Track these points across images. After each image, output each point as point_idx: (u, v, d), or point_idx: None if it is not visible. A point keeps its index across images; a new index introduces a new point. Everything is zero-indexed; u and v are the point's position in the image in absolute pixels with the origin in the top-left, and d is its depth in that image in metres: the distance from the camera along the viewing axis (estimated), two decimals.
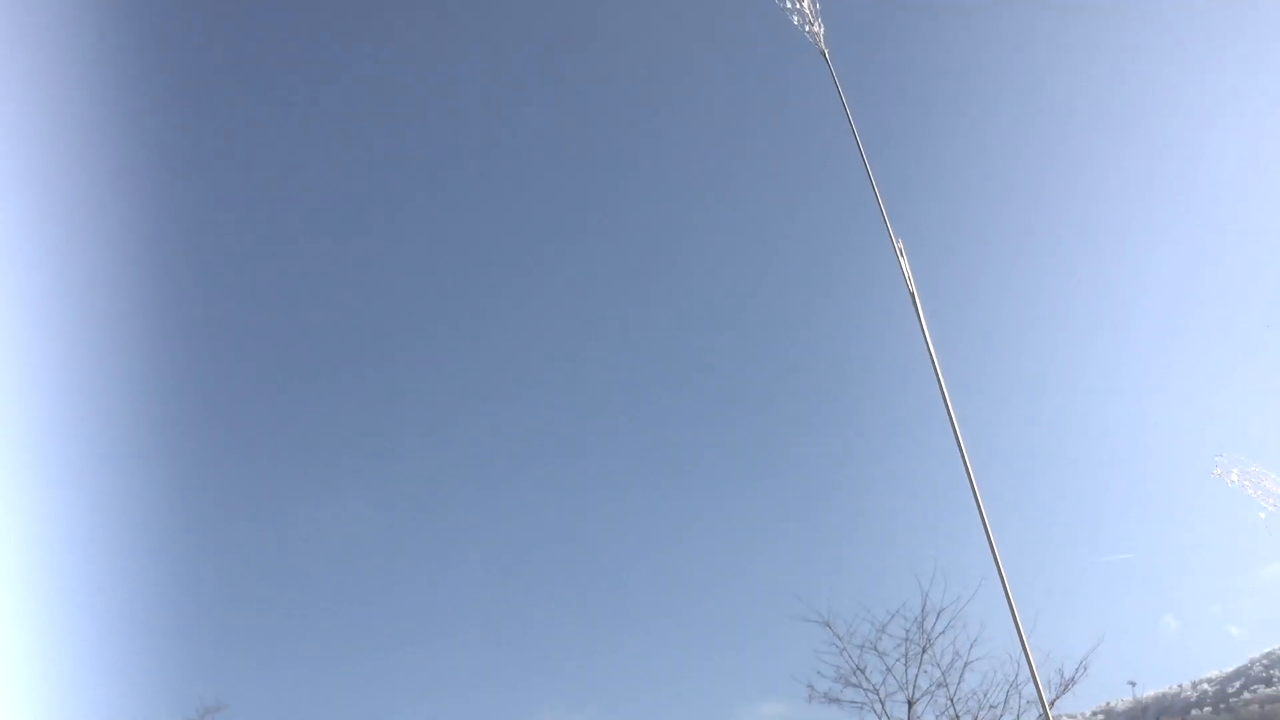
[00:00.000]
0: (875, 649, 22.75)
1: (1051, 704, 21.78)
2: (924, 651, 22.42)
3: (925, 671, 22.45)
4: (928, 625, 22.38)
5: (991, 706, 22.17)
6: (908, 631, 22.59)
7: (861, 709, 22.83)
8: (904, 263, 6.52)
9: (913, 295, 6.43)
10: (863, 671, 22.73)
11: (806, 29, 8.69)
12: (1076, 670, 21.13)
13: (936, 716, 23.02)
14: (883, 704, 22.61)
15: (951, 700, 22.42)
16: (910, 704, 22.55)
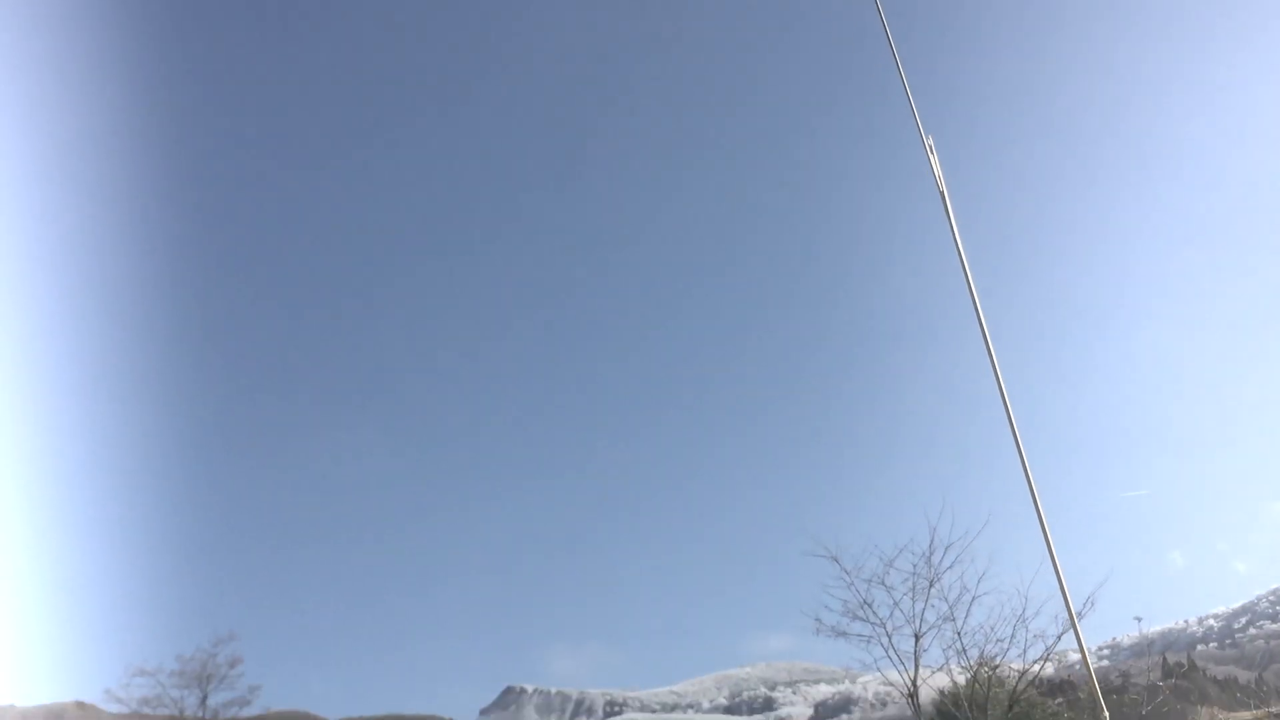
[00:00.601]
0: (883, 583, 22.84)
1: (1057, 640, 21.70)
2: (931, 586, 22.43)
3: (932, 605, 22.50)
4: (935, 560, 22.36)
5: (998, 640, 22.15)
6: (915, 566, 22.64)
7: (868, 642, 22.98)
8: (934, 160, 5.84)
9: (943, 195, 5.76)
10: (870, 605, 22.83)
11: None
12: (1084, 605, 21.00)
13: (943, 650, 23.04)
14: (889, 637, 22.72)
15: (958, 634, 22.51)
16: (917, 637, 22.60)
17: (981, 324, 7.07)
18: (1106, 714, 7.48)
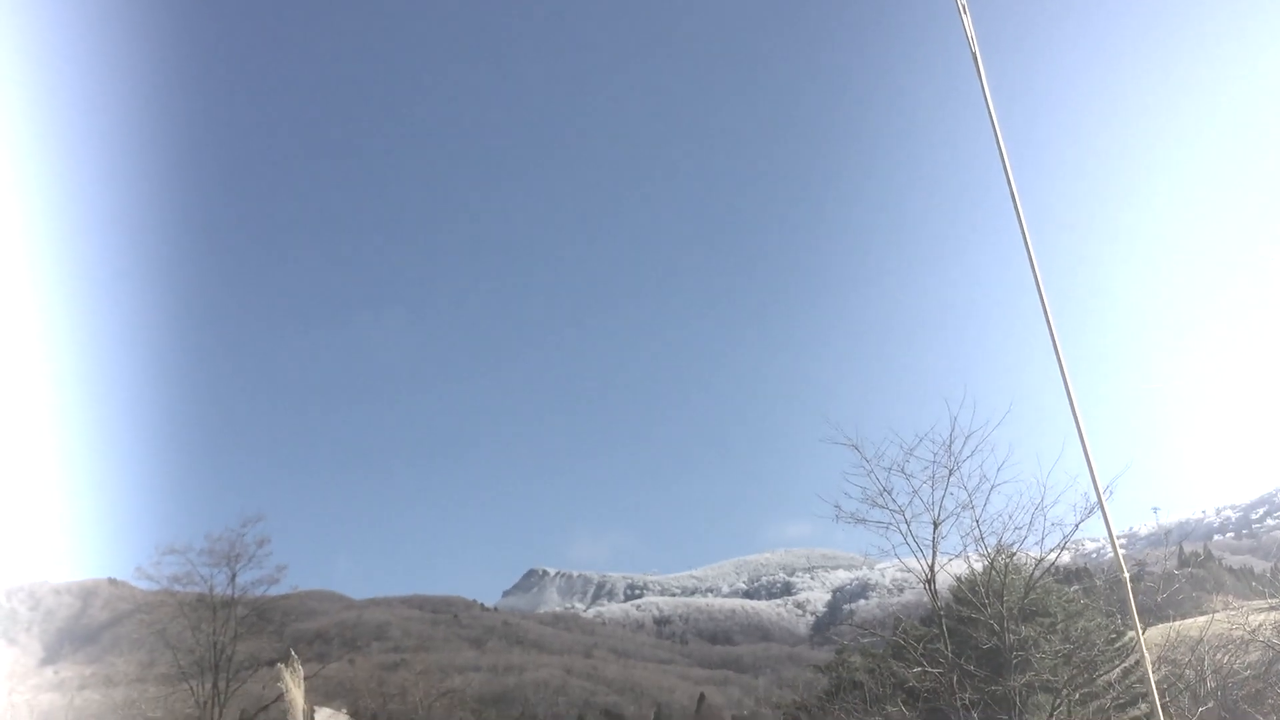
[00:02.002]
0: (903, 471, 22.84)
1: (1075, 528, 21.71)
2: (951, 475, 22.40)
3: (951, 494, 22.50)
4: (955, 449, 22.23)
5: (1016, 528, 22.17)
6: (935, 455, 22.54)
7: (887, 529, 23.09)
8: (966, 20, 5.46)
9: (975, 57, 5.41)
10: (889, 493, 22.87)
11: None
12: (1102, 495, 20.75)
13: (961, 537, 23.11)
14: (908, 525, 22.80)
15: (977, 522, 22.56)
16: (935, 525, 22.69)
17: (1015, 201, 6.76)
18: (1128, 578, 7.33)
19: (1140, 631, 7.14)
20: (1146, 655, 7.42)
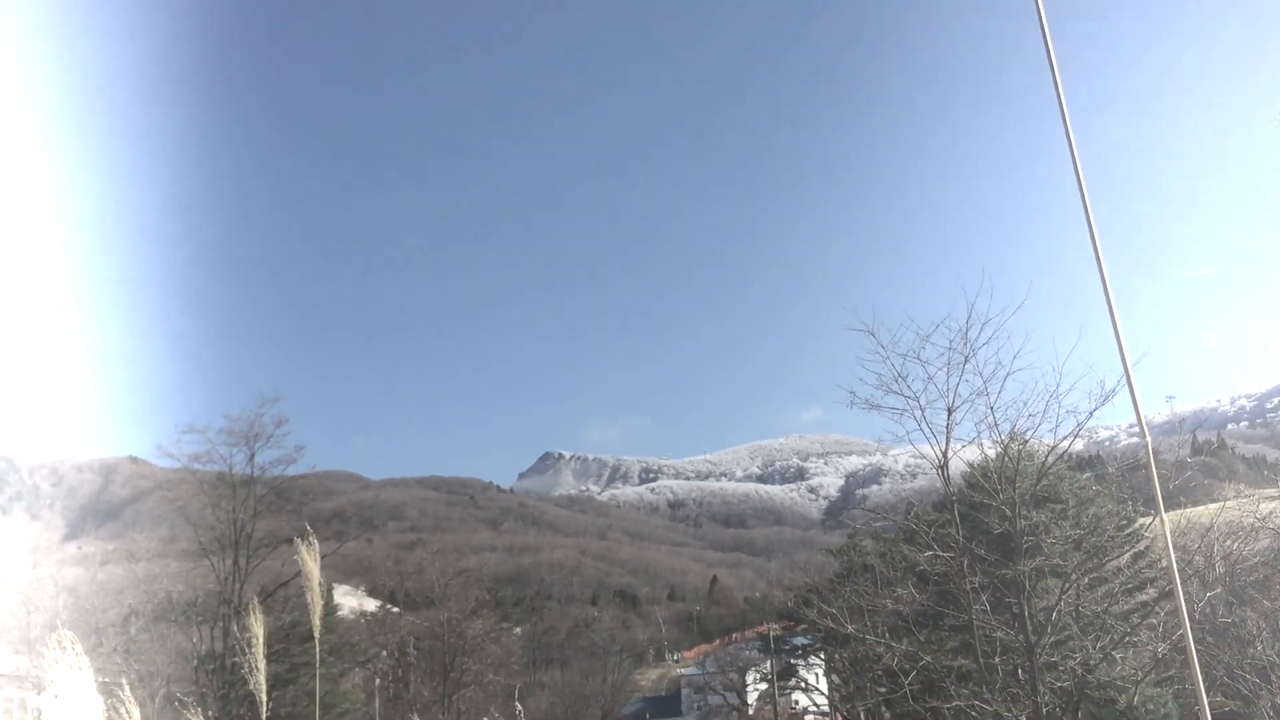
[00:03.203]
0: (918, 358, 22.65)
1: (1090, 415, 21.60)
2: (966, 361, 22.18)
3: (966, 381, 22.32)
4: (971, 336, 21.96)
5: (1030, 415, 22.07)
6: (951, 341, 22.27)
7: (901, 415, 23.00)
8: None
9: None
10: (904, 379, 22.72)
11: None
12: (1118, 383, 20.67)
13: (975, 424, 23.04)
14: (922, 411, 22.72)
15: (991, 408, 22.44)
16: (950, 411, 22.58)
17: (1054, 75, 6.45)
18: (1152, 457, 7.23)
19: (1163, 511, 7.04)
20: (1169, 537, 7.32)
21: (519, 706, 41.84)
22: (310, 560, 10.20)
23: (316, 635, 12.16)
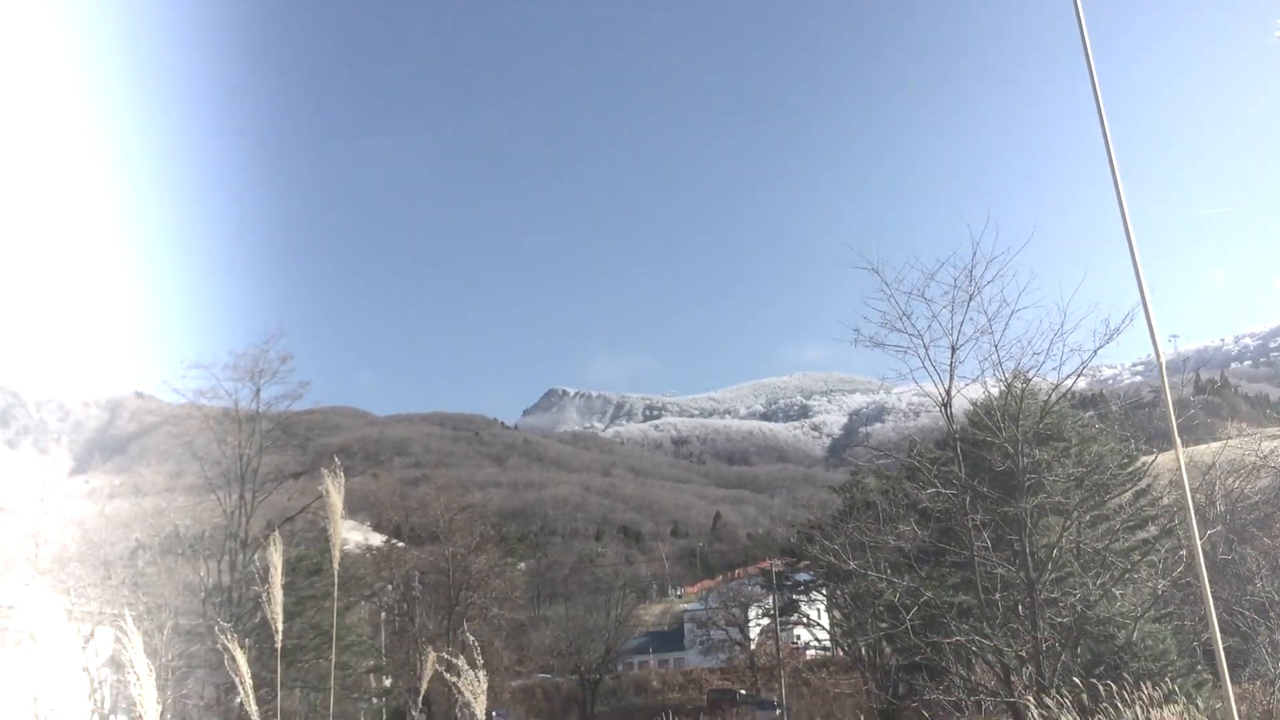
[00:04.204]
0: (922, 296, 22.52)
1: (1094, 354, 21.55)
2: (970, 299, 22.07)
3: (970, 319, 22.24)
4: (976, 274, 21.84)
5: (1034, 354, 22.04)
6: (956, 280, 22.16)
7: (904, 354, 22.94)
8: None
9: None
10: (908, 317, 22.61)
11: None
12: (1123, 321, 20.57)
13: (979, 362, 23.03)
14: (926, 349, 22.65)
15: (995, 347, 22.39)
16: (954, 349, 22.53)
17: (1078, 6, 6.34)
18: (1169, 394, 7.23)
19: (1180, 446, 7.04)
20: (1185, 475, 7.36)
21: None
22: (334, 490, 10.29)
23: (335, 566, 12.30)
